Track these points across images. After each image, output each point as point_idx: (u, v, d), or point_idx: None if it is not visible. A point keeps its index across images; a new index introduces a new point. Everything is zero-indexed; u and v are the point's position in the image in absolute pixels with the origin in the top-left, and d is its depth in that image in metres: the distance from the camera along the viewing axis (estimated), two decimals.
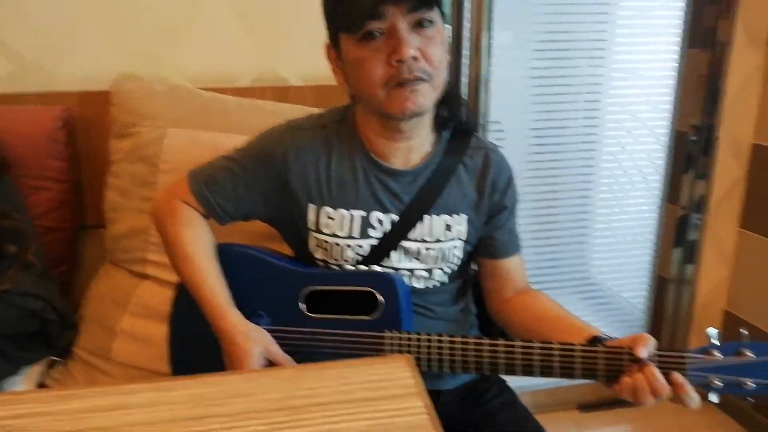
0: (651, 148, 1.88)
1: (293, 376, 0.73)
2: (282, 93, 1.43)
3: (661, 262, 1.94)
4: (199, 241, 0.99)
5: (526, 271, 1.09)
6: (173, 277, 1.07)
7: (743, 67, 1.68)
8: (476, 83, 1.47)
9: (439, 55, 0.88)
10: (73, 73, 1.38)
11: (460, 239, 1.01)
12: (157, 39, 1.41)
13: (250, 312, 0.96)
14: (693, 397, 0.77)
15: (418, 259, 0.99)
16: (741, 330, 0.77)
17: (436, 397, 1.03)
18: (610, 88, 1.78)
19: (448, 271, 1.02)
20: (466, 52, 1.49)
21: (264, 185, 0.99)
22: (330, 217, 0.97)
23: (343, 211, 0.97)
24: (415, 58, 0.85)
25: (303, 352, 0.93)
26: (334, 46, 0.93)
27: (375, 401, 0.67)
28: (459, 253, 1.01)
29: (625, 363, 0.79)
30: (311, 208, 0.97)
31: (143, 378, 1.20)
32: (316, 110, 1.29)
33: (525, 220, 1.82)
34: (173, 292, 1.06)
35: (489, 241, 1.04)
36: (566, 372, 0.82)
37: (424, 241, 0.99)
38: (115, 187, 1.29)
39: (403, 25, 0.84)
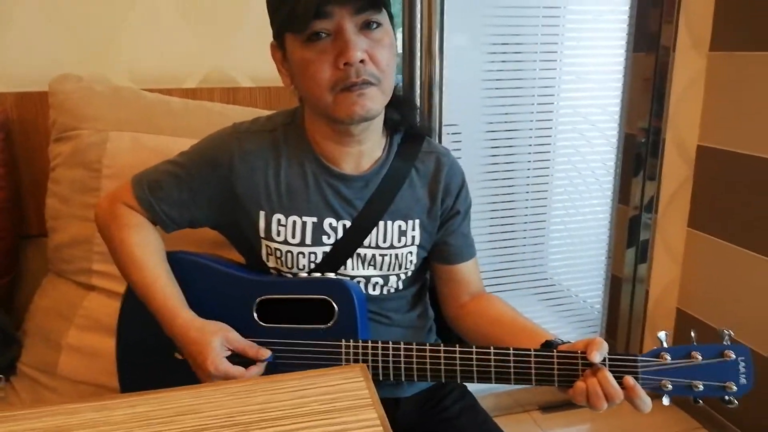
0: (603, 150, 1.91)
1: (244, 390, 0.70)
2: (231, 94, 1.40)
3: (614, 262, 1.98)
4: (146, 244, 0.96)
5: (480, 275, 1.09)
6: (121, 288, 1.03)
7: (687, 70, 1.73)
8: (429, 86, 1.46)
9: (387, 57, 0.86)
10: (9, 73, 1.32)
11: (415, 244, 1.00)
12: (98, 37, 1.35)
13: None
14: (645, 400, 0.78)
15: (372, 265, 0.98)
16: (692, 333, 0.78)
17: (395, 405, 1.03)
18: (563, 91, 1.81)
19: (404, 276, 1.01)
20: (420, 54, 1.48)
21: (210, 191, 0.95)
22: (281, 225, 0.95)
23: (295, 218, 0.94)
24: (362, 61, 0.83)
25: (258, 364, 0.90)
26: (279, 46, 0.91)
27: (328, 414, 0.65)
28: (414, 259, 1.00)
29: (579, 367, 0.80)
30: (261, 216, 0.95)
31: (91, 394, 1.16)
32: (265, 112, 1.26)
33: (482, 222, 1.83)
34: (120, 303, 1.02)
35: (443, 246, 1.04)
36: (522, 378, 0.82)
37: (378, 247, 0.97)
38: (56, 194, 1.23)
39: (350, 26, 0.82)
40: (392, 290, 1.01)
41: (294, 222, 0.94)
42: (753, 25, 1.58)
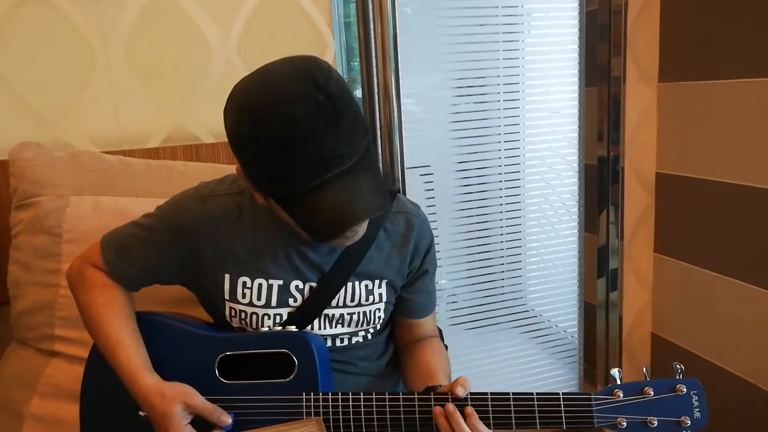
0: (569, 181, 1.94)
1: None
2: (194, 151, 1.41)
3: (586, 290, 1.99)
4: (113, 304, 0.96)
5: (435, 323, 1.11)
6: (84, 352, 1.03)
7: (638, 102, 1.77)
8: (389, 129, 1.49)
9: None
10: None
11: (382, 302, 1.00)
12: (58, 105, 1.36)
13: None
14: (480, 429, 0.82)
15: (341, 323, 0.98)
16: (644, 369, 0.79)
17: None
18: (527, 128, 1.85)
19: (372, 330, 1.02)
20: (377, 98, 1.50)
21: (175, 254, 0.96)
22: (247, 287, 0.95)
23: (261, 281, 0.95)
24: None
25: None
26: (254, 187, 0.86)
27: None
28: (382, 315, 1.01)
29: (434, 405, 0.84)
30: (227, 278, 0.95)
31: None
32: (228, 167, 1.28)
33: (459, 260, 1.83)
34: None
35: (407, 303, 1.05)
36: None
37: (345, 305, 0.97)
38: (17, 261, 1.22)
39: None
40: (361, 341, 1.01)
41: (260, 284, 0.94)
42: (697, 55, 1.64)
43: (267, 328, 0.96)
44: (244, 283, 0.94)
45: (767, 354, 1.56)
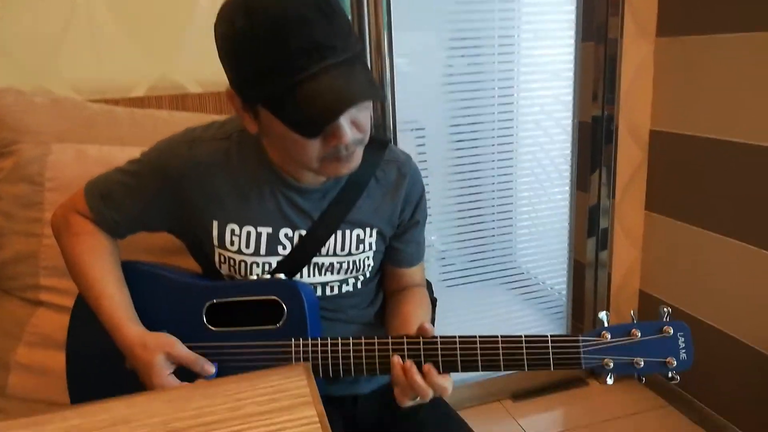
0: (561, 139, 1.93)
1: (181, 396, 0.69)
2: (180, 101, 1.38)
3: (576, 248, 2.00)
4: (98, 251, 0.95)
5: (423, 274, 1.10)
6: (70, 302, 1.02)
7: (635, 57, 1.75)
8: (381, 85, 1.46)
9: (368, 118, 0.84)
10: None
11: (372, 250, 0.99)
12: (39, 52, 1.32)
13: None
14: (440, 383, 0.83)
15: (330, 271, 0.97)
16: (631, 312, 0.79)
17: (353, 402, 1.02)
18: (522, 82, 1.82)
19: (362, 278, 1.01)
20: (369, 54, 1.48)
21: (162, 200, 0.94)
22: (235, 234, 0.93)
23: (250, 228, 0.93)
24: None
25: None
26: (246, 105, 0.83)
27: (266, 414, 0.64)
28: (371, 263, 1.00)
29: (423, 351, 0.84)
30: (215, 225, 0.93)
31: (43, 412, 1.12)
32: (214, 117, 1.25)
33: (451, 216, 1.84)
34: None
35: (396, 252, 1.04)
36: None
37: (335, 254, 0.96)
38: None
39: (344, 116, 0.78)
40: (351, 289, 1.01)
41: (248, 232, 0.93)
42: (696, 9, 1.61)
43: (256, 276, 0.95)
44: (233, 230, 0.93)
45: (755, 310, 1.57)
